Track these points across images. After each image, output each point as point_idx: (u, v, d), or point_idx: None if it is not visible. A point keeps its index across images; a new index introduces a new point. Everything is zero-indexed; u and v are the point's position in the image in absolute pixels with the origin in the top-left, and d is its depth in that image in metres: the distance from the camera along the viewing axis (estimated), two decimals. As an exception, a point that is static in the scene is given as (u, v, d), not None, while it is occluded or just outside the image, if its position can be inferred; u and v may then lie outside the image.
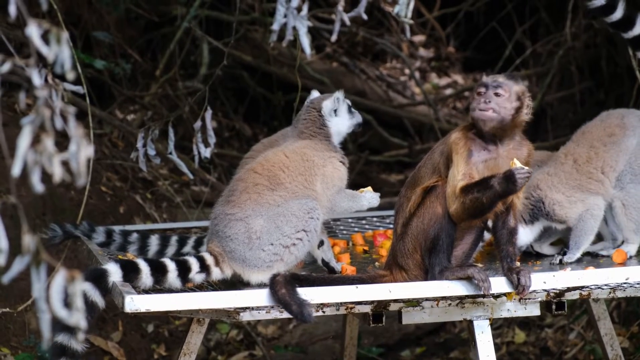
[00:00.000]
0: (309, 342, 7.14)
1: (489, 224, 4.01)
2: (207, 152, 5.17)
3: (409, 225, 3.94)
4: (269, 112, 9.75)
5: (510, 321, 7.08)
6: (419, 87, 10.34)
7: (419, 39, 11.49)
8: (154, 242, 4.75)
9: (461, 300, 3.98)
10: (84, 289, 3.72)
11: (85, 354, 3.75)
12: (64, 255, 5.76)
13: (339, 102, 4.39)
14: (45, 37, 2.49)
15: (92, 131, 5.61)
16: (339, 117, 4.40)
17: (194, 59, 8.81)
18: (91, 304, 3.73)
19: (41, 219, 6.35)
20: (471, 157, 3.85)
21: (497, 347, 6.73)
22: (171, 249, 4.76)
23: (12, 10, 2.53)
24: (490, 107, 3.86)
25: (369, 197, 4.33)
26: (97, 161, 7.30)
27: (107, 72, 7.97)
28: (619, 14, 4.54)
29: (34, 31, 2.44)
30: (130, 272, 3.83)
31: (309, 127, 4.38)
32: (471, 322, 4.01)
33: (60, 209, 6.54)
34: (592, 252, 4.60)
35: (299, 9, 3.43)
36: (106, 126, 7.80)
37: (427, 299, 3.96)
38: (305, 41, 3.38)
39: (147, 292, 3.84)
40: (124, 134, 7.83)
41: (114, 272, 3.80)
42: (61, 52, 2.49)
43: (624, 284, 4.01)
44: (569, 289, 4.01)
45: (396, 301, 3.93)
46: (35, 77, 2.49)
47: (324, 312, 3.93)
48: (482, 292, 3.80)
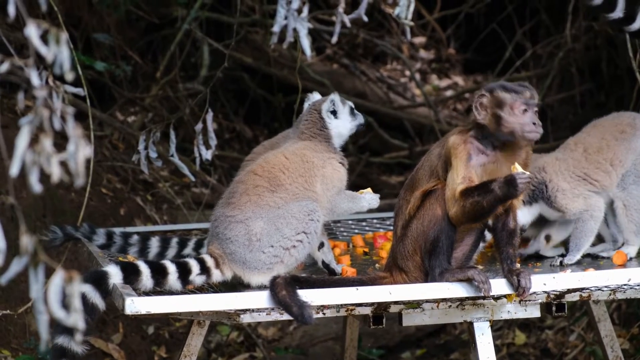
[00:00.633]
0: (310, 344, 7.14)
1: (489, 223, 4.01)
2: (208, 154, 5.17)
3: (409, 227, 3.93)
4: (270, 113, 9.75)
5: (510, 323, 7.07)
6: (419, 89, 10.34)
7: (420, 40, 11.50)
8: (154, 244, 4.75)
9: (461, 302, 3.98)
10: (85, 291, 3.72)
11: (85, 356, 3.74)
12: (64, 257, 5.75)
13: (335, 104, 4.39)
14: (44, 38, 2.48)
15: (92, 133, 5.61)
16: (340, 119, 4.40)
17: (195, 60, 8.82)
18: (92, 306, 3.73)
19: (41, 221, 6.35)
20: (470, 161, 3.85)
21: (497, 349, 6.72)
22: (172, 251, 4.76)
23: (11, 10, 2.52)
24: (541, 128, 3.87)
25: (369, 198, 4.33)
26: (98, 163, 7.29)
27: (107, 74, 7.98)
28: (620, 11, 4.53)
29: (32, 31, 2.44)
30: (130, 274, 3.83)
31: (309, 129, 4.38)
32: (471, 323, 4.01)
33: (60, 211, 6.54)
34: (593, 253, 4.60)
35: (300, 11, 3.43)
36: (107, 128, 7.80)
37: (427, 301, 3.96)
38: (305, 43, 3.38)
39: (147, 294, 3.84)
40: (124, 135, 7.83)
41: (115, 274, 3.80)
42: (60, 53, 2.48)
43: (624, 285, 4.01)
44: (569, 291, 4.01)
45: (396, 303, 3.93)
46: (34, 78, 2.48)
47: (324, 314, 3.93)
48: (482, 294, 3.80)
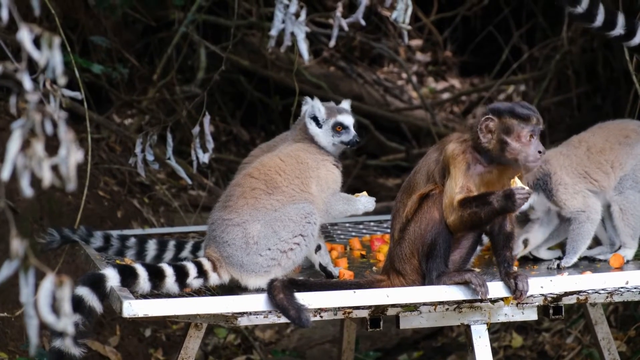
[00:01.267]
0: (307, 346, 7.14)
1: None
2: (205, 158, 5.16)
3: (406, 230, 3.94)
4: (267, 116, 9.75)
5: (507, 325, 7.08)
6: (416, 92, 10.35)
7: (416, 43, 11.51)
8: (151, 246, 4.75)
9: (458, 304, 3.98)
10: (82, 294, 3.73)
11: (82, 358, 3.74)
12: (61, 259, 5.75)
13: (315, 110, 4.35)
14: (39, 42, 2.48)
15: (89, 135, 5.61)
16: (321, 129, 4.37)
17: (192, 63, 8.81)
18: (89, 309, 3.73)
19: (39, 224, 6.35)
20: (468, 170, 3.85)
21: (494, 352, 6.74)
22: (169, 254, 4.75)
23: (3, 14, 2.52)
24: (544, 154, 3.91)
25: (364, 201, 4.33)
26: (95, 166, 7.29)
27: (104, 77, 7.97)
28: (600, 21, 4.54)
29: (25, 36, 2.43)
30: (128, 277, 3.83)
31: (300, 132, 4.39)
32: (468, 326, 4.01)
33: (57, 214, 6.53)
34: (590, 256, 4.61)
35: (297, 15, 3.43)
36: (104, 130, 7.80)
37: (424, 304, 3.96)
38: (303, 47, 3.38)
39: (144, 297, 3.84)
40: (121, 138, 7.83)
41: (112, 277, 3.80)
42: (53, 57, 2.48)
43: (621, 288, 4.02)
44: (566, 294, 4.01)
45: (394, 306, 3.93)
46: (26, 82, 2.47)
47: (321, 316, 3.93)
48: (479, 297, 3.80)
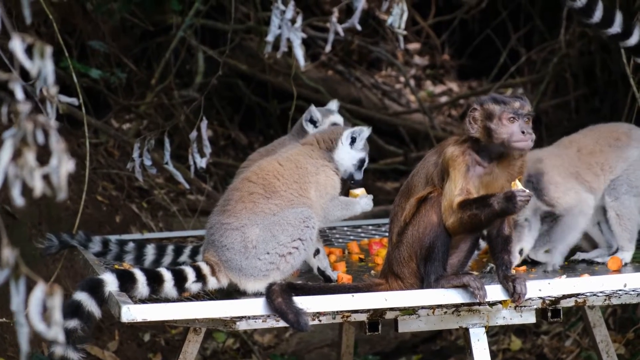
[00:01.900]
0: (306, 350, 7.14)
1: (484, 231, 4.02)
2: (202, 162, 5.17)
3: (405, 233, 3.94)
4: (265, 120, 9.75)
5: (506, 328, 7.08)
6: (414, 95, 10.36)
7: (414, 46, 11.52)
8: (150, 251, 4.75)
9: (457, 308, 3.98)
10: (81, 299, 3.73)
11: (82, 363, 3.75)
12: (60, 265, 5.76)
13: (311, 112, 4.40)
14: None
15: (87, 140, 5.61)
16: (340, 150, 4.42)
17: (190, 67, 8.82)
18: (88, 314, 3.73)
19: (37, 229, 6.35)
20: (468, 172, 3.84)
21: (493, 355, 6.74)
22: (167, 258, 4.75)
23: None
24: (532, 137, 3.86)
25: (362, 203, 4.33)
26: (93, 170, 7.30)
27: (102, 81, 7.98)
28: (598, 17, 4.56)
29: (17, 45, 2.43)
30: (126, 281, 3.83)
31: (301, 135, 4.42)
32: (467, 329, 4.01)
33: (56, 219, 6.54)
34: (587, 259, 4.61)
35: (293, 21, 3.44)
36: (102, 135, 7.80)
37: (423, 307, 3.96)
38: (299, 53, 3.39)
39: (143, 301, 3.84)
40: (119, 143, 7.83)
41: (111, 282, 3.80)
42: (45, 67, 2.48)
43: (620, 291, 4.02)
44: (565, 297, 4.01)
45: (392, 309, 3.93)
46: (18, 92, 2.47)
47: (320, 320, 3.93)
48: (477, 300, 3.80)
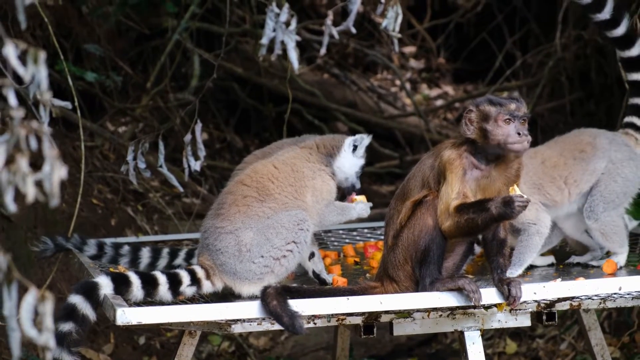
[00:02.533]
0: (301, 353, 7.14)
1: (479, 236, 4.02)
2: (197, 165, 5.16)
3: (400, 236, 3.94)
4: (260, 123, 9.75)
5: (501, 332, 7.08)
6: (409, 98, 10.36)
7: (410, 50, 11.53)
8: (145, 254, 4.75)
9: (452, 311, 3.98)
10: (75, 302, 3.73)
11: (76, 366, 3.74)
12: (55, 268, 5.75)
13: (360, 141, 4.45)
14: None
15: (82, 143, 5.61)
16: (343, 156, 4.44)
17: (185, 71, 8.82)
18: (82, 317, 3.73)
19: (32, 232, 6.35)
20: (465, 176, 3.84)
21: (488, 358, 6.74)
22: (162, 262, 4.75)
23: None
24: (528, 138, 3.85)
25: (359, 208, 4.33)
26: (89, 174, 7.29)
27: (98, 85, 7.98)
28: (607, 14, 4.56)
29: (10, 51, 2.43)
30: (121, 284, 3.83)
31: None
32: (462, 333, 4.01)
33: (51, 222, 6.53)
34: (582, 262, 4.62)
35: (288, 24, 3.45)
36: (97, 138, 7.80)
37: (418, 310, 3.96)
38: (293, 56, 3.39)
39: (138, 304, 3.84)
40: (115, 146, 7.83)
41: (105, 285, 3.80)
42: (38, 73, 2.48)
43: (615, 294, 4.02)
44: (560, 300, 4.01)
45: (387, 312, 3.93)
46: (11, 98, 2.47)
47: (315, 323, 3.93)
48: (472, 303, 3.80)
